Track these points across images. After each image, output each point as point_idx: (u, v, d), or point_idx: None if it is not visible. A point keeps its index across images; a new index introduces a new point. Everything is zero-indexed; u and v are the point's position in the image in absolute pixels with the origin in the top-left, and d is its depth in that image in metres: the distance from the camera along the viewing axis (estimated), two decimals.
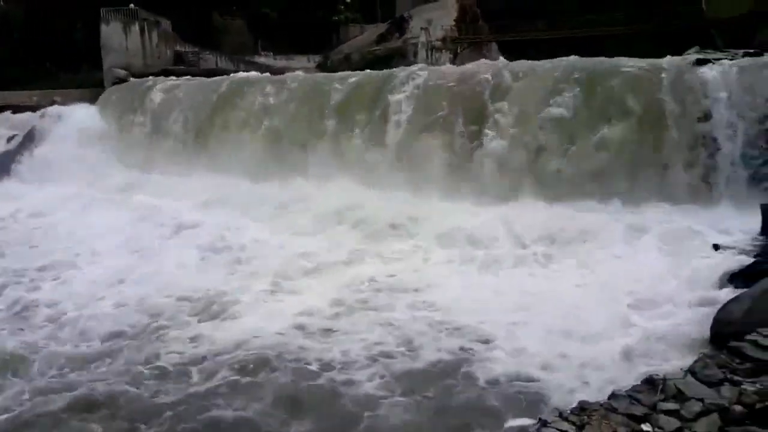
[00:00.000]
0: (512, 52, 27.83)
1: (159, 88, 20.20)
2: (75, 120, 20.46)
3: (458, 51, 32.07)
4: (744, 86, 11.38)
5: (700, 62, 12.32)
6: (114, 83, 23.26)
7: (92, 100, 22.00)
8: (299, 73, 19.40)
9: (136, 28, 25.20)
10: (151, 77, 22.25)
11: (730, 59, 12.56)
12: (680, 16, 26.96)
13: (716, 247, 9.02)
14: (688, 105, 11.66)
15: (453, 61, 28.50)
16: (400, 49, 32.13)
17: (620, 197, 11.30)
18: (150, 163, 18.06)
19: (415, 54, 31.03)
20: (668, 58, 13.19)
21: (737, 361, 3.61)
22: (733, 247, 8.92)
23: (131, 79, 23.25)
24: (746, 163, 10.95)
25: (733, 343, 3.81)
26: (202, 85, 19.57)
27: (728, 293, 7.29)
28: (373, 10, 44.70)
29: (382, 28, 37.64)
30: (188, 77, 21.60)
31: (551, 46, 24.14)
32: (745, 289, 6.99)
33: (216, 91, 18.33)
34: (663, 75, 12.25)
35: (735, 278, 7.84)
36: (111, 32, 24.98)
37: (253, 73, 20.45)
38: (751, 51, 13.80)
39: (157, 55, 25.95)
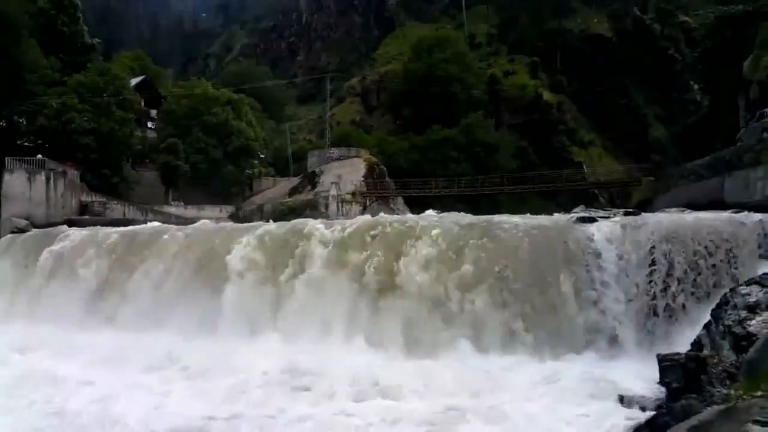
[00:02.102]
0: (416, 205, 29.64)
1: (58, 240, 19.41)
2: None
3: (367, 204, 33.55)
4: (626, 241, 12.33)
5: (586, 219, 13.38)
6: (12, 233, 22.25)
7: None
8: (207, 222, 19.69)
9: (41, 177, 24.75)
10: (52, 227, 21.53)
11: (612, 217, 13.78)
12: (566, 178, 29.96)
13: (621, 399, 9.28)
14: (577, 260, 12.36)
15: (362, 213, 29.73)
16: (312, 201, 33.23)
17: (518, 349, 11.62)
18: (47, 318, 16.77)
19: (326, 206, 32.16)
20: (556, 215, 14.34)
21: None
22: (637, 398, 9.19)
23: (32, 229, 22.37)
24: (636, 314, 11.62)
25: None
26: (103, 236, 18.96)
27: None
28: (285, 165, 46.59)
29: (294, 181, 39.12)
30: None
31: (452, 200, 25.97)
32: None
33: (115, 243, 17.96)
34: (553, 231, 13.20)
35: (641, 431, 8.05)
36: (14, 181, 24.37)
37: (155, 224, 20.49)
38: (630, 210, 15.31)
39: (62, 204, 25.34)
